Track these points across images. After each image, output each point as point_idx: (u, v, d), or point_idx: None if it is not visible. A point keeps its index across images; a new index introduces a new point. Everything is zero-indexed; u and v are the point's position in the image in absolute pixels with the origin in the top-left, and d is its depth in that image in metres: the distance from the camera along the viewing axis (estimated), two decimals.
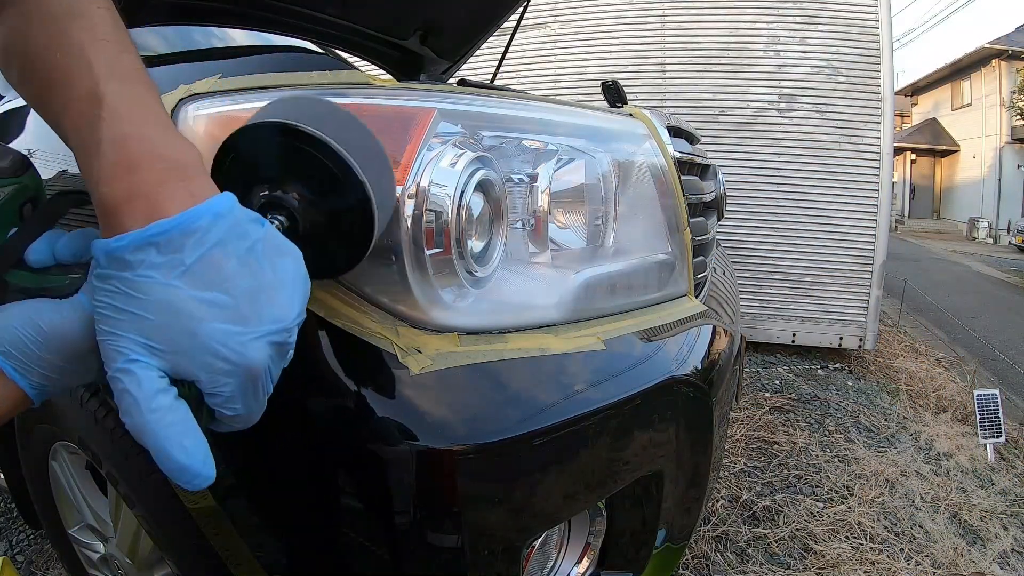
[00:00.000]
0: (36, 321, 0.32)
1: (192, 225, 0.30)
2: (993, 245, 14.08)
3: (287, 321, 0.33)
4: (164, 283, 0.29)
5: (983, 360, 3.83)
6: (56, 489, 0.95)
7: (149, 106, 0.33)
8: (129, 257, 0.29)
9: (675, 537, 0.77)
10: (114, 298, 0.30)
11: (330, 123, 0.39)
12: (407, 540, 0.51)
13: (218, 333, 0.30)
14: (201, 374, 0.31)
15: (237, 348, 0.31)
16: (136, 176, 0.31)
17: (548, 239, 0.65)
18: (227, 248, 0.31)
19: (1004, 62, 14.51)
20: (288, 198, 0.40)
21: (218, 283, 0.31)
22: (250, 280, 0.32)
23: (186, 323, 0.30)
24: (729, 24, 3.02)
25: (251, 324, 0.31)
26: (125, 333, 0.30)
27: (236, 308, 0.31)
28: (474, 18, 1.67)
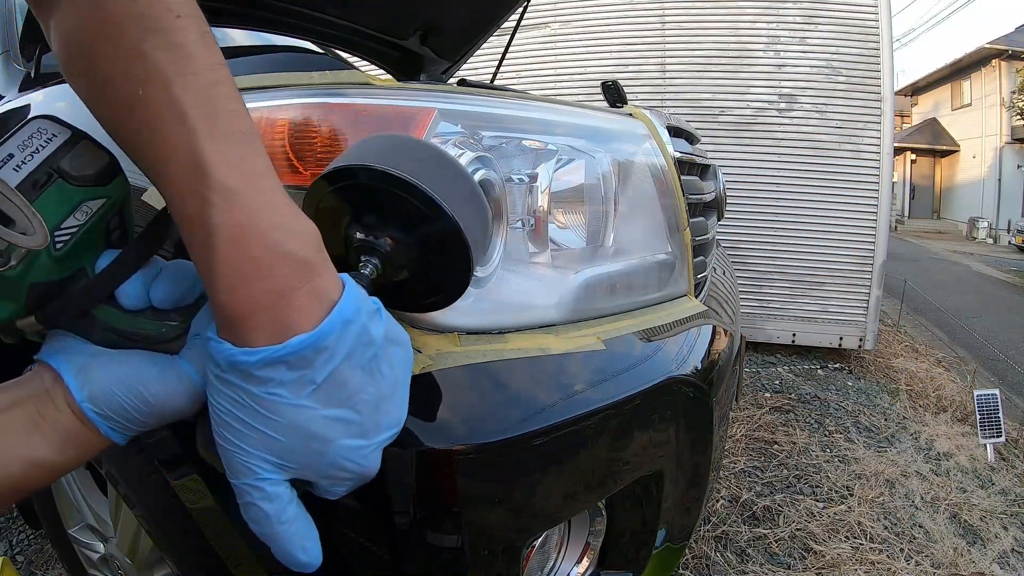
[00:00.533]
0: (141, 392, 0.32)
1: (324, 341, 0.29)
2: (993, 245, 14.08)
3: (400, 425, 0.34)
4: (296, 404, 0.29)
5: (983, 360, 3.83)
6: (56, 489, 0.95)
7: (262, 179, 0.29)
8: (257, 373, 0.28)
9: (675, 537, 0.77)
10: (240, 410, 0.29)
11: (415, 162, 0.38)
12: (407, 540, 0.51)
13: (345, 450, 0.31)
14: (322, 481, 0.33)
15: (360, 461, 0.32)
16: (259, 285, 0.28)
17: (548, 239, 0.65)
18: (354, 361, 0.30)
19: (1004, 62, 14.51)
20: (380, 243, 0.39)
21: (345, 399, 0.31)
22: (373, 390, 0.32)
23: (316, 445, 0.30)
24: (729, 24, 3.02)
25: (372, 436, 0.33)
26: (255, 450, 0.30)
27: (360, 423, 0.32)
28: (474, 18, 1.67)
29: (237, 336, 0.28)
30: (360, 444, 0.32)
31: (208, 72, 0.28)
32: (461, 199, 0.39)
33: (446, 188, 0.38)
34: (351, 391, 0.31)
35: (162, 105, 0.27)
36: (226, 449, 0.30)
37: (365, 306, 0.32)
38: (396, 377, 0.34)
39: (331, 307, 0.30)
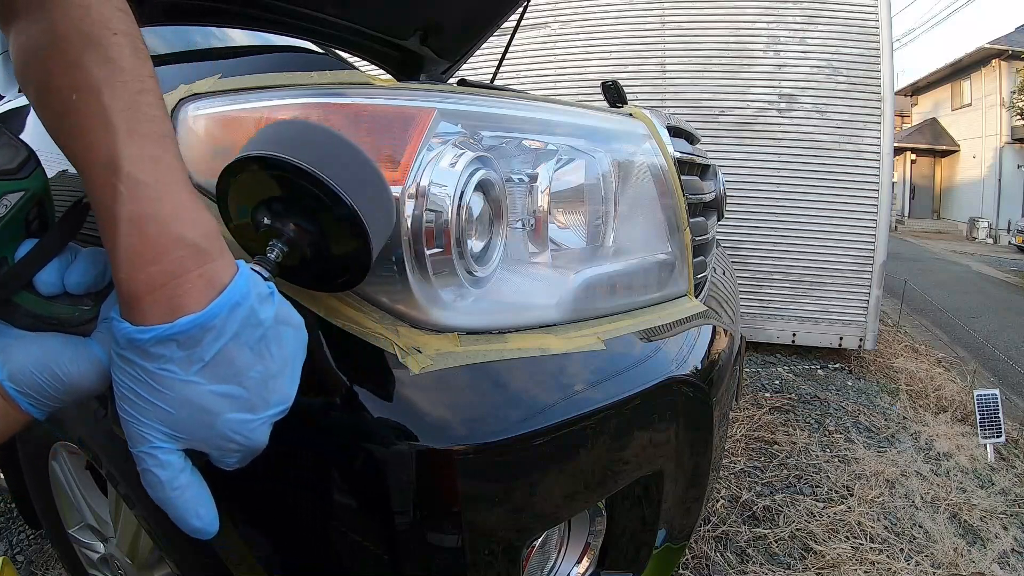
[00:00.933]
0: (54, 370, 0.35)
1: (211, 322, 0.32)
2: (993, 245, 14.08)
3: (289, 402, 0.37)
4: (184, 379, 0.32)
5: (983, 360, 3.83)
6: (56, 489, 0.95)
7: (169, 173, 0.33)
8: (151, 350, 0.31)
9: (675, 537, 0.77)
10: (137, 385, 0.32)
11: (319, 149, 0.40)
12: (407, 540, 0.51)
13: (232, 423, 0.34)
14: (213, 452, 0.35)
15: (247, 434, 0.35)
16: (155, 267, 0.31)
17: (548, 239, 0.65)
18: (241, 340, 0.33)
19: (1004, 62, 14.51)
20: (286, 228, 0.41)
21: (232, 376, 0.33)
22: (260, 368, 0.34)
23: (205, 417, 0.33)
24: (729, 24, 3.02)
25: (260, 411, 0.35)
26: (149, 421, 0.33)
27: (247, 398, 0.34)
28: (474, 18, 1.67)
29: (135, 316, 0.31)
30: (247, 418, 0.34)
31: (136, 82, 0.32)
32: (361, 185, 0.41)
33: (346, 175, 0.40)
34: (238, 369, 0.33)
35: (91, 109, 0.31)
36: (125, 420, 0.33)
37: (255, 290, 0.34)
38: (286, 357, 0.36)
39: (221, 290, 0.33)
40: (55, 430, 0.84)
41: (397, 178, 0.52)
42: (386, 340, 0.53)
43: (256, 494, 0.58)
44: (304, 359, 0.38)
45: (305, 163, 0.38)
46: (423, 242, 0.52)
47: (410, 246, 0.52)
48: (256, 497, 0.58)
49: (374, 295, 0.55)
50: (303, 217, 0.41)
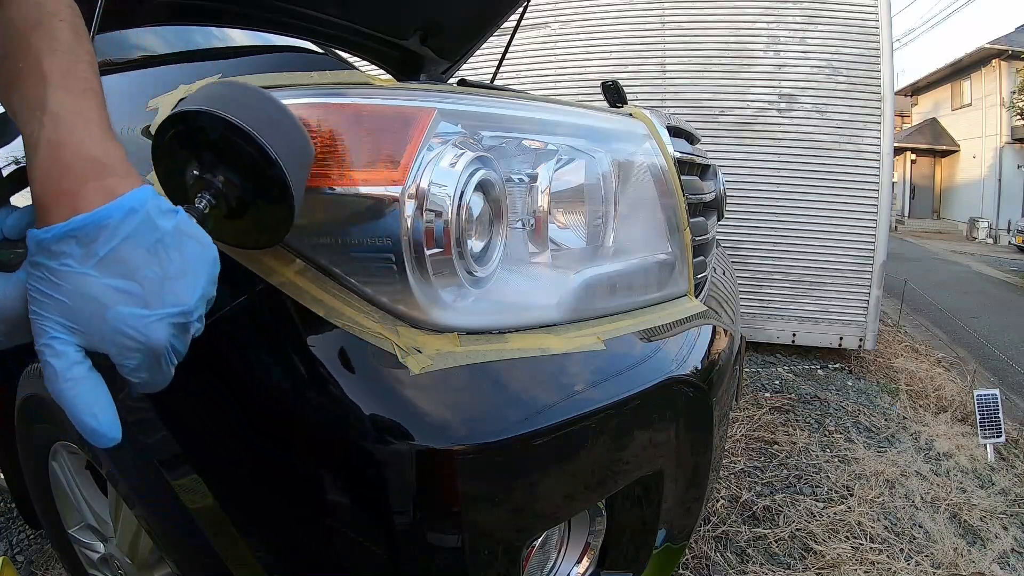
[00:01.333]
0: None
1: (104, 220, 0.35)
2: (993, 245, 14.08)
3: (187, 305, 0.37)
4: (80, 272, 0.35)
5: (983, 360, 3.83)
6: (56, 489, 0.95)
7: (86, 113, 0.38)
8: (53, 248, 0.34)
9: (675, 537, 0.77)
10: (41, 283, 0.35)
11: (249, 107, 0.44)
12: (407, 540, 0.51)
13: (125, 316, 0.35)
14: (110, 349, 0.36)
15: (141, 329, 0.36)
16: (63, 177, 0.36)
17: (548, 239, 0.65)
18: (136, 241, 0.36)
19: (1004, 62, 14.50)
20: (215, 180, 0.44)
21: (126, 272, 0.36)
22: (156, 269, 0.36)
23: (97, 308, 0.35)
24: (729, 24, 3.01)
25: (153, 307, 0.36)
26: (49, 314, 0.35)
27: (141, 295, 0.36)
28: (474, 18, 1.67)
29: (44, 223, 0.35)
30: (140, 312, 0.36)
31: (72, 55, 0.39)
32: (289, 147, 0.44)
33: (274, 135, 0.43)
34: (132, 266, 0.36)
35: (33, 71, 0.38)
36: (32, 320, 0.35)
37: (156, 203, 0.37)
38: (186, 263, 0.38)
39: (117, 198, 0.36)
40: (55, 430, 0.84)
41: (397, 178, 0.52)
42: (386, 340, 0.53)
43: (256, 494, 0.58)
44: (212, 275, 0.40)
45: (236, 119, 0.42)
46: (423, 242, 0.52)
47: (410, 246, 0.52)
48: (256, 497, 0.58)
49: (374, 295, 0.55)
50: (232, 171, 0.44)
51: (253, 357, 0.55)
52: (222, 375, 0.57)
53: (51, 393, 0.35)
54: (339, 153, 0.53)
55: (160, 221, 0.37)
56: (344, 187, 0.52)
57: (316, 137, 0.53)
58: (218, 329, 0.55)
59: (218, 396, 0.57)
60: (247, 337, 0.56)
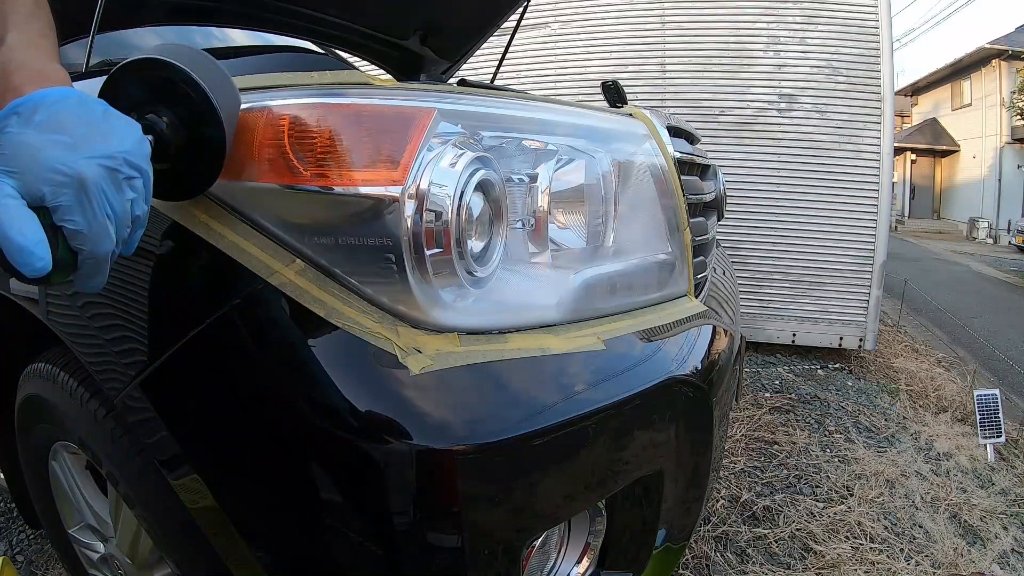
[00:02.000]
0: None
1: (41, 99, 0.41)
2: (993, 245, 14.08)
3: (114, 151, 0.42)
4: (17, 131, 0.40)
5: (983, 360, 3.83)
6: (56, 489, 0.95)
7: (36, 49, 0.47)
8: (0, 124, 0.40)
9: (675, 537, 0.77)
10: None
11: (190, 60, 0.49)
12: (407, 540, 0.51)
13: (55, 156, 0.39)
14: (45, 188, 0.39)
15: (70, 163, 0.39)
16: (11, 81, 0.44)
17: (548, 239, 0.65)
18: (69, 110, 0.42)
19: (1004, 62, 14.50)
20: (159, 120, 0.49)
21: (59, 128, 0.40)
22: (85, 128, 0.41)
23: (31, 151, 0.39)
24: (729, 24, 3.01)
25: (82, 151, 0.40)
26: None
27: (71, 143, 0.40)
28: (474, 18, 1.67)
29: None
30: (69, 154, 0.40)
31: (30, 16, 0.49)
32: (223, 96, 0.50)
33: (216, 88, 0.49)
34: (64, 124, 0.41)
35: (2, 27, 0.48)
36: None
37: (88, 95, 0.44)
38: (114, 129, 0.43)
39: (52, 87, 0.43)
40: (55, 430, 0.84)
41: (397, 178, 0.52)
42: (386, 340, 0.53)
43: (256, 494, 0.58)
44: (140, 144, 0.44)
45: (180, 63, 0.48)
46: (423, 242, 0.52)
47: (410, 246, 0.52)
48: (256, 497, 0.58)
49: (374, 296, 0.55)
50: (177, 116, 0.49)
51: (253, 357, 0.55)
52: (222, 375, 0.57)
53: None
54: (339, 153, 0.53)
55: (91, 102, 0.43)
56: (344, 187, 0.52)
57: (316, 137, 0.53)
58: (218, 329, 0.55)
59: (218, 396, 0.57)
60: (247, 337, 0.56)
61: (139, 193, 0.44)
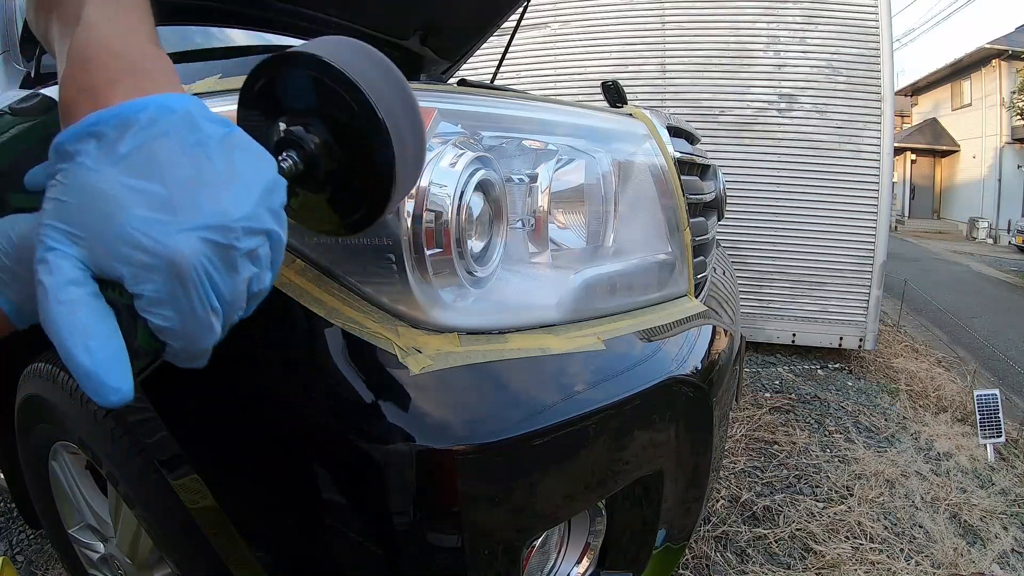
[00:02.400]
0: (8, 232, 0.32)
1: (132, 116, 0.28)
2: (993, 245, 14.08)
3: (229, 217, 0.28)
4: (91, 168, 0.28)
5: (983, 360, 3.83)
6: (56, 489, 0.95)
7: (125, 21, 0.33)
8: (70, 148, 0.28)
9: (675, 537, 0.77)
10: (53, 190, 0.28)
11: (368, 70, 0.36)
12: (407, 540, 0.51)
13: (139, 220, 0.27)
14: (122, 267, 0.27)
15: (160, 238, 0.27)
16: (88, 74, 0.30)
17: (548, 239, 0.65)
18: (171, 139, 0.28)
19: (1004, 62, 14.50)
20: (307, 138, 0.36)
21: (151, 172, 0.28)
22: (191, 171, 0.28)
23: (105, 207, 0.27)
24: (729, 24, 3.01)
25: (181, 214, 0.27)
26: (49, 220, 0.28)
27: (167, 197, 0.27)
28: (474, 18, 1.66)
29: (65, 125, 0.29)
30: (161, 218, 0.27)
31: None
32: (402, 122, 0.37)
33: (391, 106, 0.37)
34: (161, 166, 0.28)
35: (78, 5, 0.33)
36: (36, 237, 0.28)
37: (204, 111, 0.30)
38: (234, 173, 0.29)
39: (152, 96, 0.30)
40: (55, 430, 0.84)
41: None
42: (386, 340, 0.53)
43: (256, 494, 0.58)
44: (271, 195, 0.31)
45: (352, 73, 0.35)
46: (423, 242, 0.52)
47: (410, 246, 0.52)
48: (256, 497, 0.58)
49: (374, 295, 0.55)
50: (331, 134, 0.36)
51: (253, 357, 0.55)
52: (222, 375, 0.57)
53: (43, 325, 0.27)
54: None
55: (204, 125, 0.29)
56: None
57: None
58: None
59: (218, 396, 0.57)
60: (247, 337, 0.56)
61: (262, 265, 0.31)
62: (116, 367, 0.27)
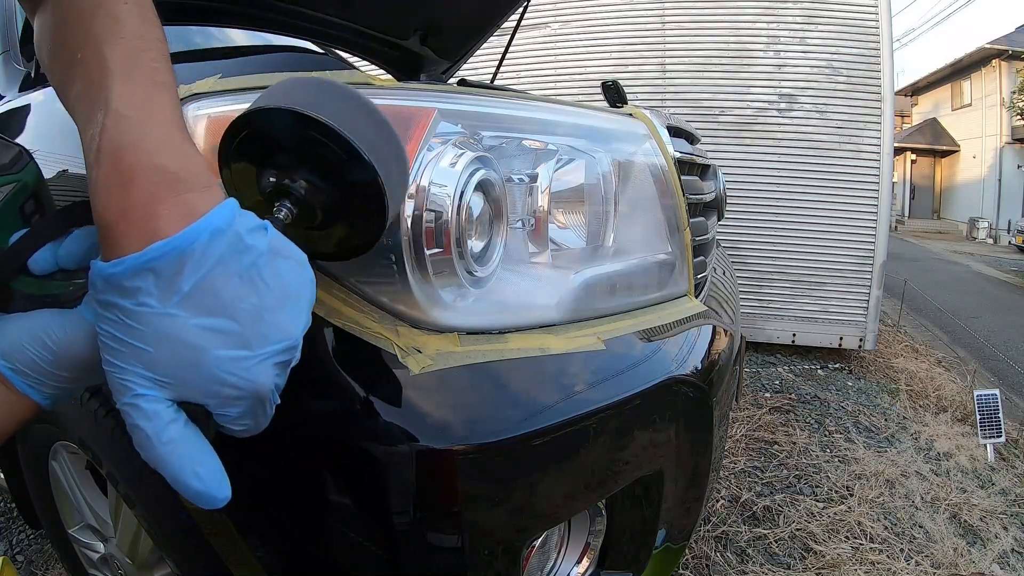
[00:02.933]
0: (44, 339, 0.33)
1: (189, 247, 0.29)
2: (993, 245, 14.08)
3: (293, 339, 0.32)
4: (162, 312, 0.29)
5: (983, 360, 3.83)
6: (56, 489, 0.95)
7: (156, 112, 0.32)
8: (127, 284, 0.29)
9: (675, 537, 0.77)
10: (116, 328, 0.29)
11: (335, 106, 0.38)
12: (407, 540, 0.51)
13: (222, 361, 0.30)
14: (209, 401, 0.31)
15: (243, 375, 0.30)
16: (130, 191, 0.29)
17: (548, 239, 0.65)
18: (227, 267, 0.30)
19: (1004, 62, 14.50)
20: (295, 186, 0.38)
21: (219, 308, 0.30)
22: (254, 299, 0.31)
23: (189, 355, 0.29)
24: (729, 24, 3.02)
25: (256, 347, 0.31)
26: (129, 366, 0.29)
27: (240, 333, 0.30)
28: (474, 18, 1.66)
29: (109, 250, 0.29)
30: (241, 355, 0.30)
31: (138, 40, 0.33)
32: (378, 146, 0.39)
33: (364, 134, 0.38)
34: (225, 300, 0.30)
35: (92, 59, 0.32)
36: (108, 372, 0.30)
37: (244, 221, 0.31)
38: (285, 289, 0.32)
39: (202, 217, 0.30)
40: (55, 430, 0.84)
41: None
42: (386, 340, 0.53)
43: (256, 494, 0.58)
44: (312, 299, 0.34)
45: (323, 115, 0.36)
46: (423, 242, 0.52)
47: (410, 246, 0.52)
48: (256, 497, 0.58)
49: (374, 295, 0.55)
50: (317, 175, 0.38)
51: None
52: None
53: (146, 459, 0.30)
54: None
55: (251, 240, 0.31)
56: None
57: None
58: None
59: None
60: None
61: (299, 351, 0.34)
62: (221, 480, 0.32)
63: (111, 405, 0.64)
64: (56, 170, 0.70)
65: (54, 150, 0.70)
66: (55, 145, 0.70)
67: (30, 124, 0.82)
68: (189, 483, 0.30)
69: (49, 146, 0.72)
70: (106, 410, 0.69)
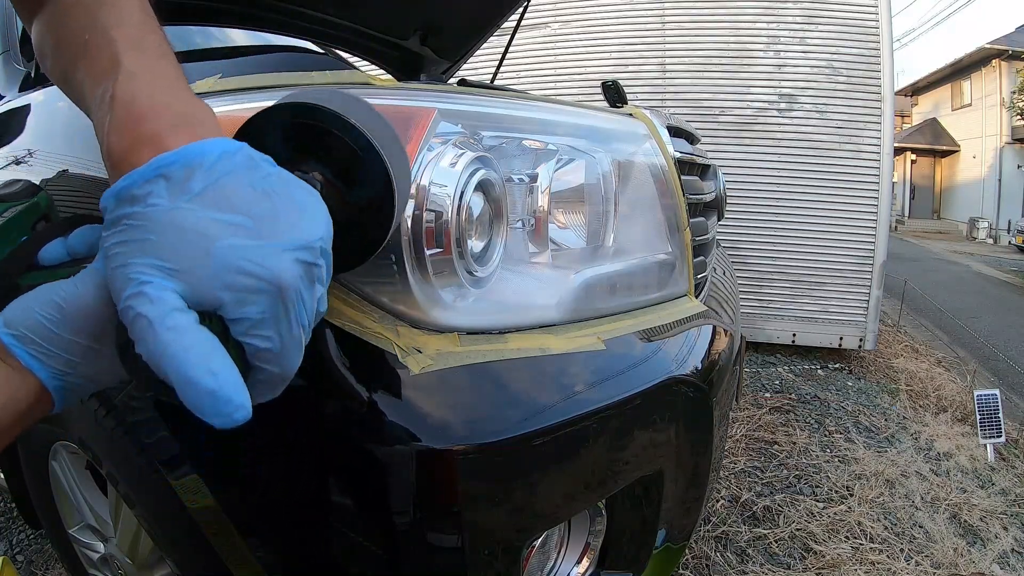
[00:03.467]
0: (53, 298, 0.30)
1: (198, 158, 0.28)
2: (993, 245, 14.08)
3: (311, 239, 0.30)
4: (170, 206, 0.27)
5: (983, 360, 3.83)
6: (56, 489, 0.95)
7: (165, 72, 0.33)
8: (136, 192, 0.28)
9: (675, 537, 0.77)
10: (123, 233, 0.28)
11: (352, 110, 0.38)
12: (407, 540, 0.51)
13: (237, 248, 0.28)
14: (224, 295, 0.27)
15: (261, 260, 0.28)
16: (144, 126, 0.30)
17: (548, 239, 0.65)
18: (240, 178, 0.29)
19: (1004, 62, 14.51)
20: (310, 178, 0.38)
21: (231, 206, 0.28)
22: (266, 203, 0.29)
23: (198, 241, 0.27)
24: (729, 24, 3.02)
25: (273, 240, 0.29)
26: (133, 259, 0.27)
27: (253, 227, 0.28)
28: (474, 18, 1.67)
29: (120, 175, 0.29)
30: (257, 244, 0.28)
31: (141, 27, 0.35)
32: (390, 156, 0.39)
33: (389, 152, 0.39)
34: (237, 202, 0.29)
35: (99, 41, 0.33)
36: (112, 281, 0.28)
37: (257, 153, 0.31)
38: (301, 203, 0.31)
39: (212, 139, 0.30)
40: (55, 430, 0.84)
41: None
42: (386, 340, 0.53)
43: (256, 494, 0.58)
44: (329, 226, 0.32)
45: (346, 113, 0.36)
46: (423, 242, 0.52)
47: (410, 246, 0.52)
48: (256, 497, 0.58)
49: (374, 295, 0.55)
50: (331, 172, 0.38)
51: None
52: None
53: (147, 360, 0.26)
54: None
55: (264, 164, 0.31)
56: None
57: None
58: None
59: None
60: None
61: (324, 285, 0.32)
62: (239, 384, 0.27)
63: (111, 405, 0.64)
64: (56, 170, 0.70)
65: (54, 150, 0.70)
66: (55, 145, 0.70)
67: (30, 124, 0.82)
68: (200, 380, 0.25)
69: (49, 146, 0.72)
70: (106, 410, 0.69)
